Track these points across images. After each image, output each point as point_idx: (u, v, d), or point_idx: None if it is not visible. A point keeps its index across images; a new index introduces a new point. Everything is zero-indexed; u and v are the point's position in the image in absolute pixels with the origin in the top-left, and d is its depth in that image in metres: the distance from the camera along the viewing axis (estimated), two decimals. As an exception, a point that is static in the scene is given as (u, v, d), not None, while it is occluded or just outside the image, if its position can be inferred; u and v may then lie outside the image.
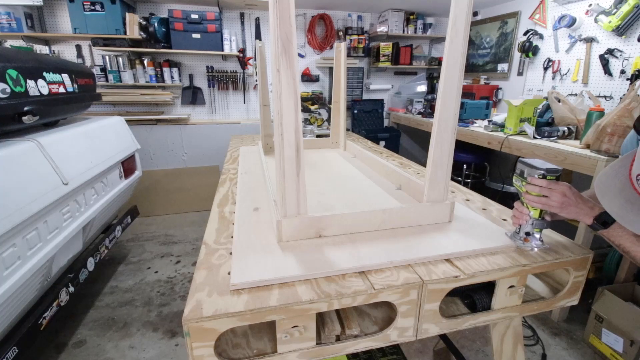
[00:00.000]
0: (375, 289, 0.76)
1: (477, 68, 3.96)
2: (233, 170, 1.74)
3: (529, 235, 0.94)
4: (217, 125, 3.68)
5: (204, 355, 0.69)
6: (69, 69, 1.88)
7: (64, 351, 1.78)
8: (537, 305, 0.95)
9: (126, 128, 2.39)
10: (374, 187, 1.42)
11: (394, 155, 2.13)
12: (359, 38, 3.89)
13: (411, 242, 0.94)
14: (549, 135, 2.32)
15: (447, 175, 1.03)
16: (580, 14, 2.75)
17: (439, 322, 0.84)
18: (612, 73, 2.58)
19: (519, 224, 0.94)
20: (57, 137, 1.67)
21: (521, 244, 0.94)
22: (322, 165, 1.79)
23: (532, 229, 0.93)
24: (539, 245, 0.93)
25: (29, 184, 1.36)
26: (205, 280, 0.78)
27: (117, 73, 3.27)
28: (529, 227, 0.92)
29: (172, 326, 1.96)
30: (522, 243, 0.94)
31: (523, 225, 0.93)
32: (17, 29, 2.86)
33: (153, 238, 3.06)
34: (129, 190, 2.43)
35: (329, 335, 0.80)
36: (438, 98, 0.94)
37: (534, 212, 0.90)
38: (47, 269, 1.51)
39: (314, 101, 3.87)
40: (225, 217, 1.16)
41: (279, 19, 0.78)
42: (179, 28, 3.15)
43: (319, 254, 0.87)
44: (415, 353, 1.77)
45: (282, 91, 0.83)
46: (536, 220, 0.91)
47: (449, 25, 0.88)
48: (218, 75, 3.63)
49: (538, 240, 0.93)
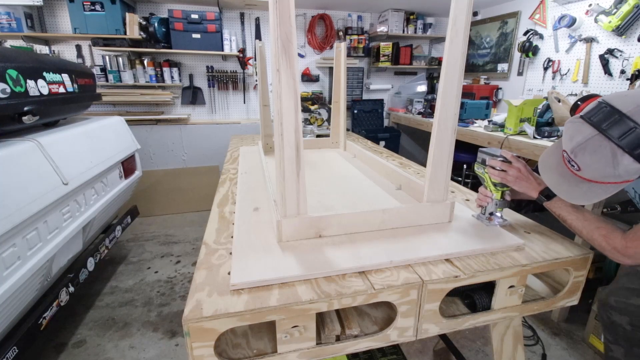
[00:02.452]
0: (375, 289, 0.76)
1: (477, 68, 3.96)
2: (233, 170, 1.74)
3: (492, 215, 1.08)
4: (217, 125, 3.68)
5: (204, 355, 0.69)
6: (69, 69, 1.87)
7: (64, 351, 1.78)
8: (537, 305, 0.95)
9: (126, 128, 2.39)
10: (374, 187, 1.42)
11: (394, 155, 2.13)
12: (359, 38, 3.88)
13: (411, 242, 0.94)
14: (549, 135, 2.32)
15: (447, 175, 1.03)
16: (580, 14, 2.75)
17: (439, 322, 0.84)
18: (612, 73, 2.58)
19: (483, 206, 1.09)
20: (57, 137, 1.67)
21: (487, 223, 1.07)
22: (322, 165, 1.79)
23: (495, 209, 1.07)
24: (501, 222, 1.07)
25: (29, 184, 1.36)
26: (205, 280, 0.78)
27: (117, 73, 3.27)
28: (493, 207, 1.07)
29: (172, 326, 1.96)
30: (488, 222, 1.07)
31: (487, 207, 1.07)
32: (17, 29, 2.86)
33: (153, 238, 3.06)
34: (129, 190, 2.43)
35: (329, 335, 0.80)
36: (438, 98, 0.94)
37: (496, 194, 1.05)
38: (47, 269, 1.51)
39: (314, 101, 3.87)
40: (225, 217, 1.16)
41: (279, 19, 0.78)
42: (179, 28, 3.15)
43: (319, 254, 0.87)
44: (415, 353, 1.77)
45: (282, 91, 0.83)
46: (499, 200, 1.06)
47: (449, 25, 0.88)
48: (218, 75, 3.63)
49: (500, 218, 1.08)
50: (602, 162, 0.78)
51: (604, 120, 0.79)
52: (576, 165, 0.83)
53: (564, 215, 0.97)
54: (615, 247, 0.88)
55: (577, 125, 0.84)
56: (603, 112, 0.80)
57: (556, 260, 0.89)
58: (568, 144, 0.85)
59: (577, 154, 0.82)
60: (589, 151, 0.80)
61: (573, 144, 0.83)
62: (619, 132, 0.76)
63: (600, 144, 0.78)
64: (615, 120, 0.78)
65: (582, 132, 0.81)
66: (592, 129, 0.80)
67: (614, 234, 0.89)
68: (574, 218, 0.95)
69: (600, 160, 0.79)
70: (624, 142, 0.75)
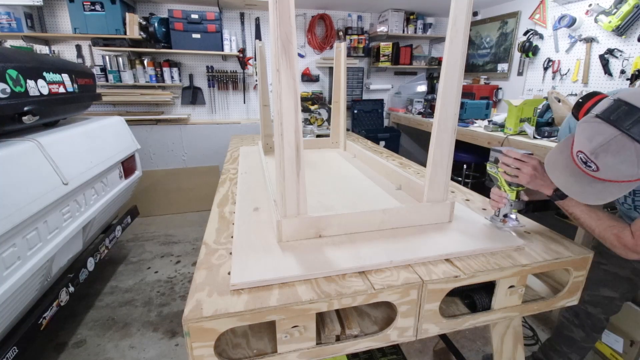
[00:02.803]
0: (375, 289, 0.76)
1: (477, 68, 3.96)
2: (233, 170, 1.74)
3: (507, 217, 1.03)
4: (217, 125, 3.68)
5: (204, 355, 0.69)
6: (69, 69, 1.87)
7: (64, 351, 1.78)
8: (537, 305, 0.95)
9: (126, 128, 2.39)
10: (374, 187, 1.42)
11: (394, 155, 2.13)
12: (359, 38, 3.88)
13: (411, 242, 0.94)
14: (549, 135, 2.32)
15: (447, 175, 1.03)
16: (580, 14, 2.75)
17: (439, 322, 0.84)
18: (612, 73, 2.57)
19: (497, 208, 1.04)
20: (57, 137, 1.67)
21: (501, 226, 1.02)
22: (322, 165, 1.79)
23: (510, 210, 1.02)
24: (516, 225, 1.02)
25: (29, 184, 1.36)
26: (205, 280, 0.78)
27: (117, 73, 3.27)
28: (507, 208, 1.02)
29: (172, 326, 1.96)
30: (502, 225, 1.02)
31: (502, 209, 1.02)
32: (17, 29, 2.86)
33: (153, 238, 3.06)
34: (129, 190, 2.43)
35: (329, 335, 0.80)
36: (438, 98, 0.94)
37: (511, 194, 1.00)
38: (47, 269, 1.51)
39: (314, 101, 3.87)
40: (225, 217, 1.16)
41: (279, 19, 0.78)
42: (179, 28, 3.15)
43: (319, 254, 0.87)
44: (415, 353, 1.77)
45: (282, 91, 0.83)
46: (514, 201, 1.01)
47: (449, 25, 0.88)
48: (218, 75, 3.63)
49: (515, 221, 1.03)
50: (627, 162, 0.76)
51: (626, 119, 0.76)
52: (594, 165, 0.80)
53: (577, 213, 0.97)
54: (626, 244, 0.92)
55: (595, 126, 0.80)
56: (623, 110, 0.77)
57: (556, 260, 0.89)
58: (586, 145, 0.81)
59: (598, 155, 0.79)
60: (611, 152, 0.77)
61: (593, 144, 0.79)
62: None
63: (624, 144, 0.76)
64: (638, 119, 0.75)
65: (603, 133, 0.78)
66: (613, 128, 0.77)
67: (624, 232, 0.92)
68: (587, 217, 0.96)
69: (624, 160, 0.76)
70: None
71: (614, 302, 1.32)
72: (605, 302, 1.32)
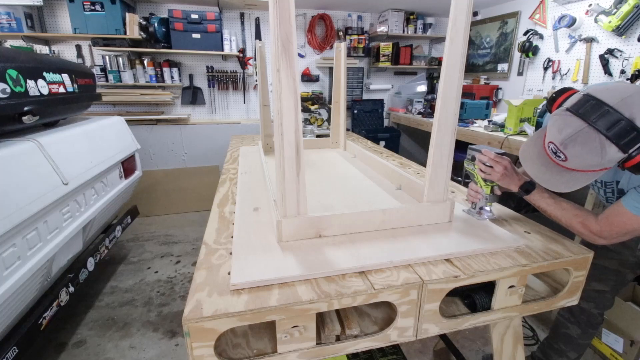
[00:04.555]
0: (375, 289, 0.76)
1: (477, 68, 3.96)
2: (233, 170, 1.74)
3: (482, 209, 1.12)
4: (217, 125, 3.68)
5: (204, 355, 0.69)
6: (69, 69, 1.87)
7: (64, 351, 1.78)
8: (537, 305, 0.95)
9: (126, 128, 2.39)
10: (374, 187, 1.42)
11: (394, 155, 2.13)
12: (359, 38, 3.88)
13: (411, 242, 0.94)
14: (549, 135, 2.32)
15: (447, 175, 1.03)
16: (580, 14, 2.75)
17: (439, 322, 0.84)
18: (612, 73, 2.57)
19: (474, 201, 1.13)
20: (57, 137, 1.67)
21: (477, 217, 1.11)
22: (322, 165, 1.79)
23: (485, 203, 1.12)
24: (491, 216, 1.12)
25: (29, 184, 1.36)
26: (205, 280, 0.78)
27: (117, 73, 3.27)
28: (483, 202, 1.12)
29: (172, 326, 1.96)
30: (478, 216, 1.11)
31: (478, 202, 1.12)
32: (17, 29, 2.85)
33: (153, 238, 3.06)
34: (129, 190, 2.43)
35: (329, 335, 0.80)
36: (438, 98, 0.94)
37: (486, 189, 1.10)
38: (47, 269, 1.51)
39: (314, 101, 3.86)
40: (225, 217, 1.16)
41: (279, 19, 0.78)
42: (179, 28, 3.15)
43: (319, 254, 0.87)
44: (415, 353, 1.77)
45: (282, 91, 0.83)
46: (489, 195, 1.11)
47: (449, 25, 0.88)
48: (218, 75, 3.63)
49: (489, 212, 1.12)
50: (592, 152, 0.82)
51: (592, 112, 0.82)
52: (563, 155, 0.87)
53: (543, 206, 1.05)
54: (591, 230, 0.98)
55: (565, 118, 0.86)
56: (590, 105, 0.83)
57: (556, 260, 0.89)
58: (557, 136, 0.87)
59: (567, 145, 0.85)
60: (579, 143, 0.83)
61: (563, 136, 0.85)
62: (606, 124, 0.80)
63: (590, 136, 0.81)
64: (603, 112, 0.80)
65: (571, 125, 0.84)
66: (580, 121, 0.83)
67: (589, 219, 0.98)
68: (553, 208, 1.03)
69: (590, 151, 0.82)
70: (611, 133, 0.79)
71: (605, 296, 1.33)
72: (596, 296, 1.33)
